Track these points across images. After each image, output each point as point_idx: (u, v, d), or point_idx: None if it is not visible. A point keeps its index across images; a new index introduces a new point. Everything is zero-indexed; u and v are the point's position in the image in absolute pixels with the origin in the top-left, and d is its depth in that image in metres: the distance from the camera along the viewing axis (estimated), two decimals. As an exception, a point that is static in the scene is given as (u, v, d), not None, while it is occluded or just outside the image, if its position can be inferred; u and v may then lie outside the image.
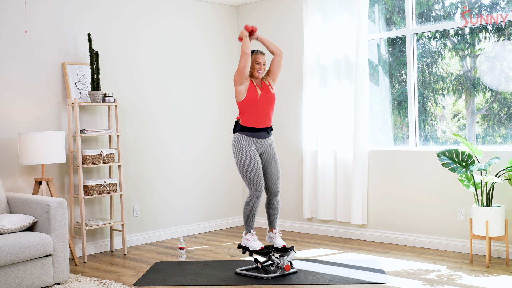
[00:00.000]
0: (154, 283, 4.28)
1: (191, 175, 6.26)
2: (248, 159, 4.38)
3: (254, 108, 4.41)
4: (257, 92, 4.42)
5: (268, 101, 4.47)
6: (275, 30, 6.38)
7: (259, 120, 4.45)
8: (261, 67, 4.47)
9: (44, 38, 5.11)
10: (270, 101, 4.49)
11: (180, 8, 6.20)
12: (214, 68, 6.52)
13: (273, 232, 4.64)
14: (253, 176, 4.39)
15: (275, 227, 4.67)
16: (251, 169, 4.38)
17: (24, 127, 4.96)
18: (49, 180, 4.78)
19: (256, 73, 4.47)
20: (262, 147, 4.50)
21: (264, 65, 4.49)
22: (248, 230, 4.49)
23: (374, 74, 5.79)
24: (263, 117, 4.45)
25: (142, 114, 5.82)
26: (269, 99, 4.48)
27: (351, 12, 5.63)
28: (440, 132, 5.43)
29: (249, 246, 4.44)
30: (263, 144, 4.49)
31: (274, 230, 4.66)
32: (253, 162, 4.38)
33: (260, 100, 4.42)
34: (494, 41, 5.05)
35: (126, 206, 5.63)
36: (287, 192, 6.26)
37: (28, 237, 3.96)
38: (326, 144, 5.85)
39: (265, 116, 4.46)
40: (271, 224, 4.67)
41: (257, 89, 4.43)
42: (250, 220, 4.48)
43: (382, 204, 5.53)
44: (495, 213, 4.49)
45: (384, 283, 4.09)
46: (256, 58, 4.47)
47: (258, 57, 4.47)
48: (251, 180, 4.40)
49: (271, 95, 4.51)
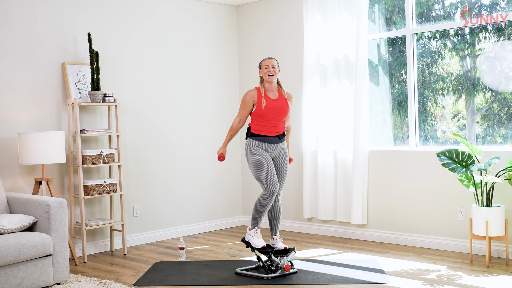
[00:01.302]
0: (154, 283, 4.28)
1: (191, 175, 6.26)
2: (260, 160, 4.40)
3: (262, 118, 4.43)
4: (262, 103, 4.41)
5: (277, 111, 4.44)
6: (275, 30, 6.38)
7: (268, 129, 4.46)
8: (269, 70, 4.44)
9: (44, 38, 5.11)
10: (279, 111, 4.45)
11: (180, 8, 6.20)
12: (214, 68, 6.52)
13: (274, 239, 4.65)
14: (265, 176, 4.39)
15: (276, 234, 4.67)
16: (263, 169, 4.39)
17: (24, 127, 4.96)
18: (49, 180, 4.78)
19: (267, 77, 4.44)
20: (274, 152, 4.51)
21: (273, 68, 4.45)
22: (253, 225, 4.49)
23: (374, 74, 5.79)
24: (271, 126, 4.46)
25: (142, 114, 5.82)
26: (278, 109, 4.44)
27: (351, 12, 5.63)
28: (440, 132, 5.43)
29: (251, 242, 4.44)
30: (274, 149, 4.50)
31: (275, 236, 4.66)
32: (265, 162, 4.40)
33: (267, 111, 4.41)
34: (494, 41, 5.05)
35: (126, 206, 5.63)
36: (287, 192, 6.27)
37: (28, 237, 3.96)
38: (326, 144, 5.85)
39: (274, 125, 4.46)
40: (273, 231, 4.67)
41: (262, 101, 4.41)
42: (258, 216, 4.47)
43: (382, 204, 5.53)
44: (495, 213, 4.49)
45: (384, 283, 4.09)
46: (264, 63, 4.47)
47: (265, 62, 4.47)
48: (264, 179, 4.40)
49: (280, 104, 4.46)
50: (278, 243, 4.63)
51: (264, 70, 4.45)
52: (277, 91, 4.51)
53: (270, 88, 4.49)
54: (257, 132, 4.48)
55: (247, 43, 6.69)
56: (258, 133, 4.47)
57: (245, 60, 6.71)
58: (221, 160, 4.59)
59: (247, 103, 4.46)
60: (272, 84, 4.49)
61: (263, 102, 4.40)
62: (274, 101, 4.45)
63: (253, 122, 4.49)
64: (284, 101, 4.49)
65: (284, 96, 4.52)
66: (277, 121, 4.47)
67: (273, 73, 4.44)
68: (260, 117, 4.43)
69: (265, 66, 4.45)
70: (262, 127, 4.47)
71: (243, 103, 4.49)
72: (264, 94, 4.44)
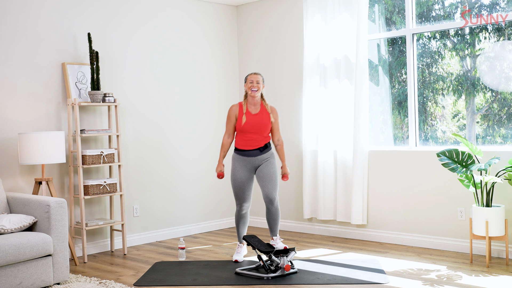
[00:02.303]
0: (154, 283, 4.28)
1: (191, 175, 6.26)
2: (233, 177, 4.76)
3: (243, 133, 4.69)
4: (242, 120, 4.63)
5: (257, 126, 4.67)
6: (275, 30, 6.38)
7: (248, 143, 4.72)
8: (254, 85, 4.66)
9: (44, 38, 5.11)
10: (259, 126, 4.67)
11: (180, 8, 6.20)
12: (214, 68, 6.52)
13: (274, 240, 4.88)
14: (235, 191, 4.78)
15: (276, 235, 4.92)
16: (235, 186, 4.77)
17: (24, 127, 4.95)
18: (49, 180, 4.78)
19: (250, 92, 4.66)
20: (256, 163, 4.77)
21: (258, 83, 4.67)
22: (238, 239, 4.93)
23: (374, 74, 5.79)
24: (251, 140, 4.70)
25: (142, 114, 5.82)
26: (259, 124, 4.67)
27: (351, 12, 5.63)
28: (440, 132, 5.43)
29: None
30: (255, 161, 4.76)
31: (274, 237, 4.90)
32: (237, 181, 4.75)
33: (246, 126, 4.65)
34: (494, 41, 5.05)
35: (126, 206, 5.63)
36: (287, 192, 6.27)
37: (28, 237, 3.96)
38: (326, 144, 5.85)
39: (254, 139, 4.70)
40: (272, 232, 4.91)
41: (243, 117, 4.63)
42: (237, 230, 4.90)
43: (382, 204, 5.53)
44: (495, 213, 4.49)
45: (384, 283, 4.09)
46: (249, 77, 4.68)
47: (251, 77, 4.69)
48: (234, 194, 4.81)
49: (260, 119, 4.68)
50: (278, 243, 4.79)
51: (249, 84, 4.68)
52: (259, 105, 4.73)
53: (253, 102, 4.72)
54: (239, 147, 4.78)
55: (247, 43, 6.69)
56: (240, 147, 4.78)
57: (245, 60, 6.71)
58: (220, 178, 4.88)
59: (230, 118, 4.75)
60: (255, 98, 4.71)
61: (244, 119, 4.64)
62: (255, 116, 4.68)
63: (236, 137, 4.74)
64: (265, 116, 4.70)
65: (267, 110, 4.72)
66: (257, 135, 4.69)
67: (257, 88, 4.66)
68: (241, 132, 4.69)
69: (250, 81, 4.68)
70: (243, 141, 4.74)
71: (227, 118, 4.79)
72: (246, 109, 4.66)
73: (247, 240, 4.51)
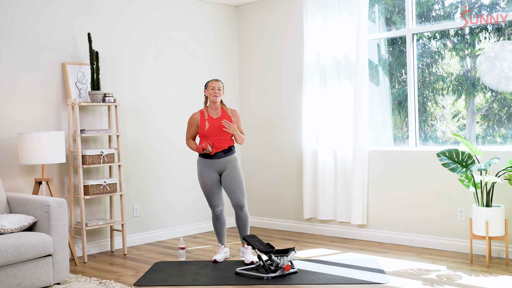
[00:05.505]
0: (154, 283, 4.28)
1: (191, 175, 6.26)
2: (202, 181, 4.85)
3: (206, 138, 4.80)
4: (205, 125, 4.78)
5: (220, 129, 4.78)
6: (275, 30, 6.38)
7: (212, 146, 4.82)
8: (215, 92, 4.79)
9: (44, 38, 5.11)
10: (221, 129, 4.77)
11: (180, 8, 6.20)
12: (214, 68, 6.52)
13: (245, 247, 4.84)
14: (206, 195, 4.89)
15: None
16: (205, 190, 4.87)
17: (24, 127, 4.96)
18: (49, 180, 4.78)
19: (211, 98, 4.80)
20: (220, 166, 4.83)
21: (219, 90, 4.82)
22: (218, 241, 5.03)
23: (374, 74, 5.79)
24: (215, 143, 4.79)
25: (142, 114, 5.82)
26: (221, 128, 4.77)
27: (351, 12, 5.63)
28: (440, 132, 5.43)
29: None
30: (220, 163, 4.82)
31: (245, 245, 4.84)
32: (206, 185, 4.84)
33: (209, 132, 4.79)
34: (494, 41, 5.05)
35: (126, 206, 5.63)
36: (287, 192, 6.27)
37: (28, 237, 3.96)
38: (326, 144, 5.85)
39: (217, 142, 4.79)
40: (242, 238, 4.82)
41: (205, 123, 4.78)
42: (216, 233, 5.01)
43: (382, 204, 5.53)
44: (495, 213, 4.49)
45: (384, 283, 4.09)
46: (211, 84, 4.82)
47: (212, 83, 4.83)
48: (206, 199, 4.91)
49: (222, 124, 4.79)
50: (247, 254, 4.81)
51: (210, 91, 4.82)
52: (220, 109, 4.89)
53: (214, 107, 4.87)
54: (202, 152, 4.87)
55: (247, 43, 6.69)
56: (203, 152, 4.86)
57: (245, 60, 6.71)
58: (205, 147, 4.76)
59: (191, 125, 4.88)
60: (216, 103, 4.86)
61: (206, 124, 4.79)
62: (217, 120, 4.80)
63: (200, 143, 4.82)
64: (227, 119, 4.83)
65: (227, 113, 4.86)
66: (220, 138, 4.80)
67: (218, 95, 4.81)
68: (205, 137, 4.80)
69: (211, 87, 4.82)
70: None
71: (188, 125, 4.92)
72: (207, 116, 4.81)
73: (247, 240, 4.51)
